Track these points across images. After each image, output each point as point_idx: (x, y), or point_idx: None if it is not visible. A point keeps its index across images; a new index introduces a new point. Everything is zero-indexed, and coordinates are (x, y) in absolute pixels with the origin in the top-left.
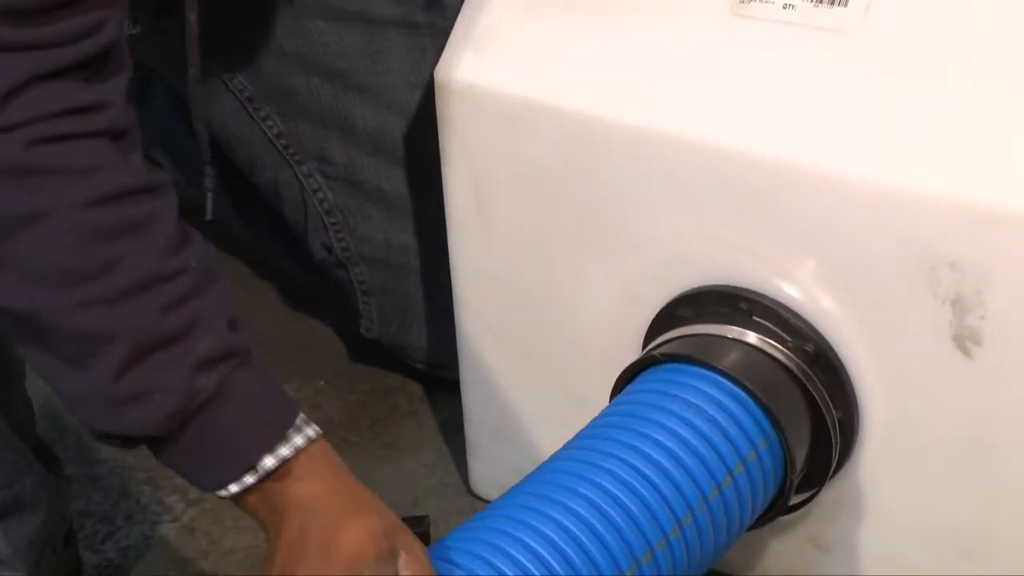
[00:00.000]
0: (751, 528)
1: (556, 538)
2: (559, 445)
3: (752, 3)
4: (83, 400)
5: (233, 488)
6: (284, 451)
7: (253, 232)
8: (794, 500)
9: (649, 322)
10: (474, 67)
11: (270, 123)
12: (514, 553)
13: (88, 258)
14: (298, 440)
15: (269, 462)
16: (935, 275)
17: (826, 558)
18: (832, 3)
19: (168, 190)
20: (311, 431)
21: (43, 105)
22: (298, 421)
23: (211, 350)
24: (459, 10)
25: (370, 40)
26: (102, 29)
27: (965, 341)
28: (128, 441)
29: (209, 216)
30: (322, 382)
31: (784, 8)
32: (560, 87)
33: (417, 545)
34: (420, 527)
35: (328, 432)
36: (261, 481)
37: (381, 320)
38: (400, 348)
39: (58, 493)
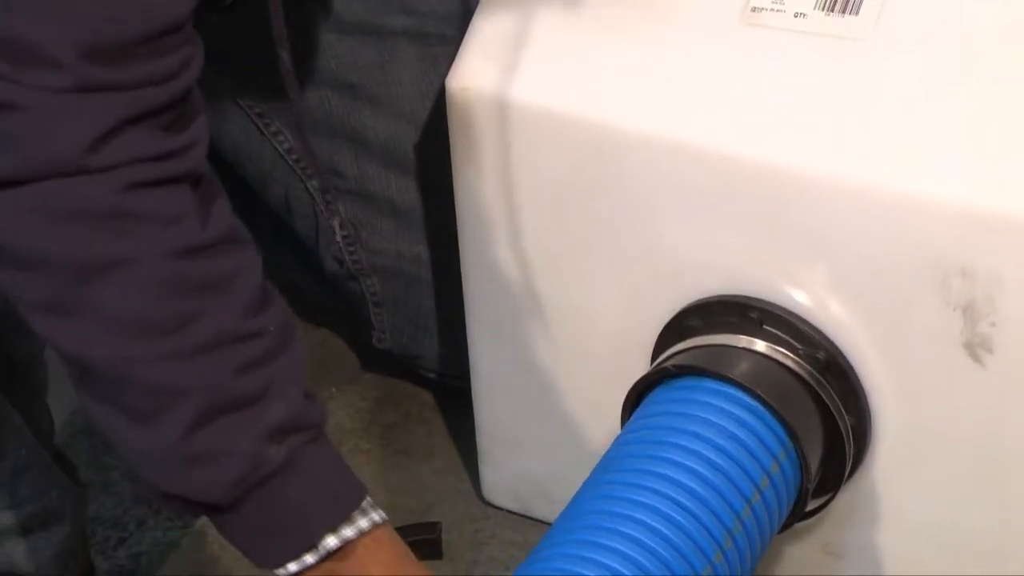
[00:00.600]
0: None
1: None
2: (570, 452)
3: (763, 12)
4: (149, 458)
5: (292, 567)
6: (348, 532)
7: (264, 246)
8: (808, 507)
9: (659, 332)
10: (485, 75)
11: (280, 138)
12: None
13: (169, 310)
14: (363, 523)
15: (331, 542)
16: (946, 282)
17: (839, 564)
18: (844, 11)
19: (250, 244)
20: (377, 516)
21: (136, 148)
22: (364, 504)
23: (283, 419)
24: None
25: (381, 51)
26: (187, 69)
27: (976, 348)
28: (191, 506)
29: None
30: (333, 389)
31: (795, 17)
32: (571, 96)
33: None
34: (431, 533)
35: (339, 439)
36: (321, 561)
37: (393, 331)
38: (412, 358)
39: (80, 502)
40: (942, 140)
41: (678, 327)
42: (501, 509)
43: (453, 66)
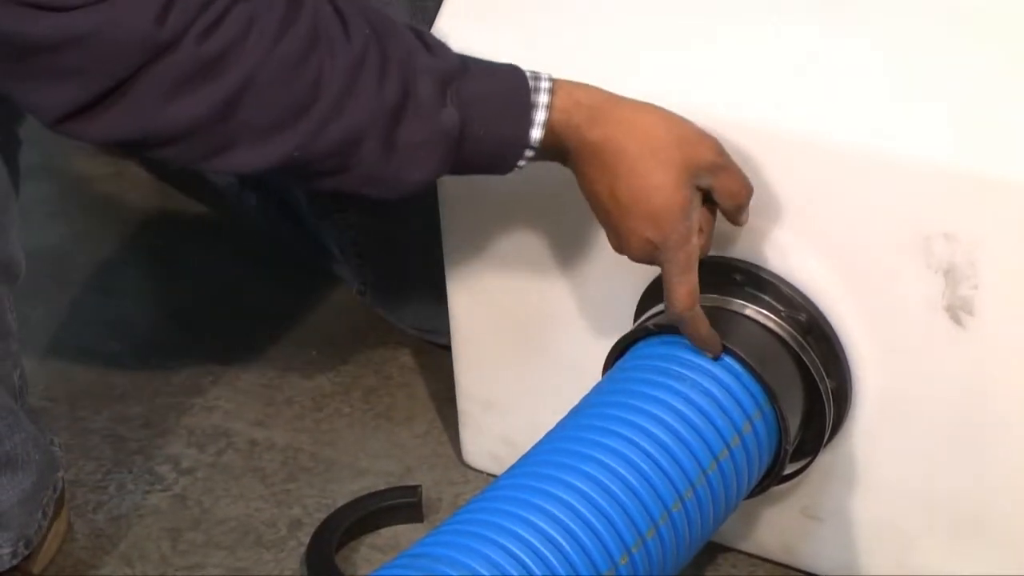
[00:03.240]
0: (745, 498)
1: (562, 516)
2: (551, 415)
3: None
4: (371, 185)
5: (521, 164)
6: (540, 115)
7: (254, 195)
8: (788, 470)
9: (641, 292)
10: (469, 34)
11: None
12: (522, 532)
13: (297, 90)
14: (543, 97)
15: (535, 134)
16: (928, 245)
17: (818, 527)
18: None
19: None
20: (545, 81)
21: (191, 4)
22: (531, 81)
23: (435, 86)
24: None
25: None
26: None
27: (958, 311)
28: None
29: None
30: (314, 352)
31: None
32: (553, 55)
33: (711, 152)
34: (412, 497)
35: (320, 402)
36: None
37: (375, 285)
38: (393, 313)
39: (48, 456)
40: (925, 102)
41: (661, 288)
42: (481, 472)
43: (435, 24)
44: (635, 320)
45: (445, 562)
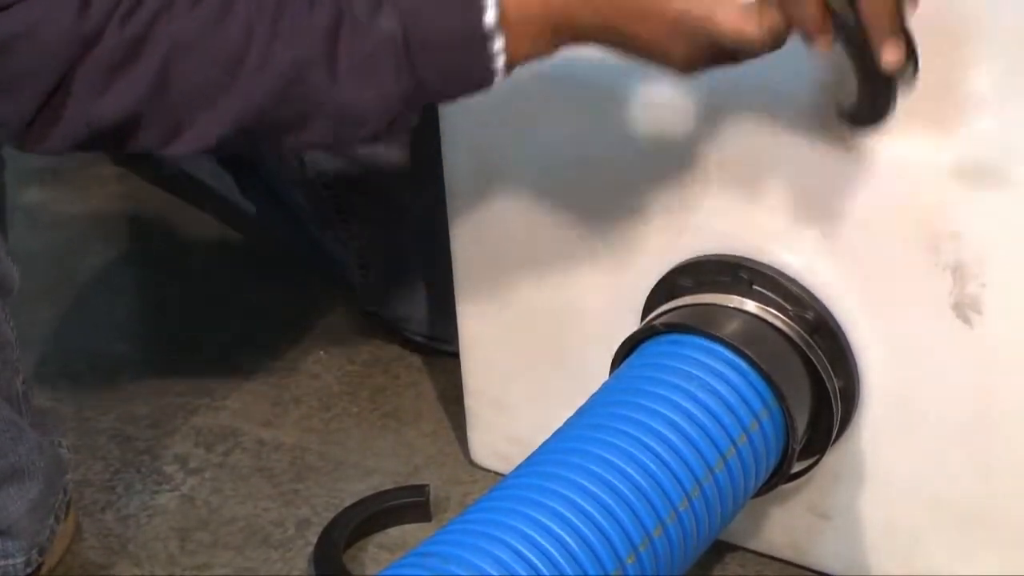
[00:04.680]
0: (753, 496)
1: (569, 515)
2: (558, 414)
3: None
4: (336, 123)
5: (495, 52)
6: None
7: (254, 205)
8: (795, 468)
9: (649, 291)
10: None
11: None
12: (529, 531)
13: (226, 43)
14: None
15: (489, 17)
16: (936, 243)
17: (826, 526)
18: None
19: None
20: None
21: None
22: None
23: (366, 2)
24: None
25: None
26: None
27: (965, 309)
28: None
29: None
30: (321, 352)
31: None
32: (560, 54)
33: None
34: (420, 496)
35: (327, 402)
36: (513, 32)
37: (381, 293)
38: (400, 321)
39: (55, 461)
40: (933, 101)
41: (668, 286)
42: (489, 471)
43: None
44: (642, 319)
45: (453, 561)
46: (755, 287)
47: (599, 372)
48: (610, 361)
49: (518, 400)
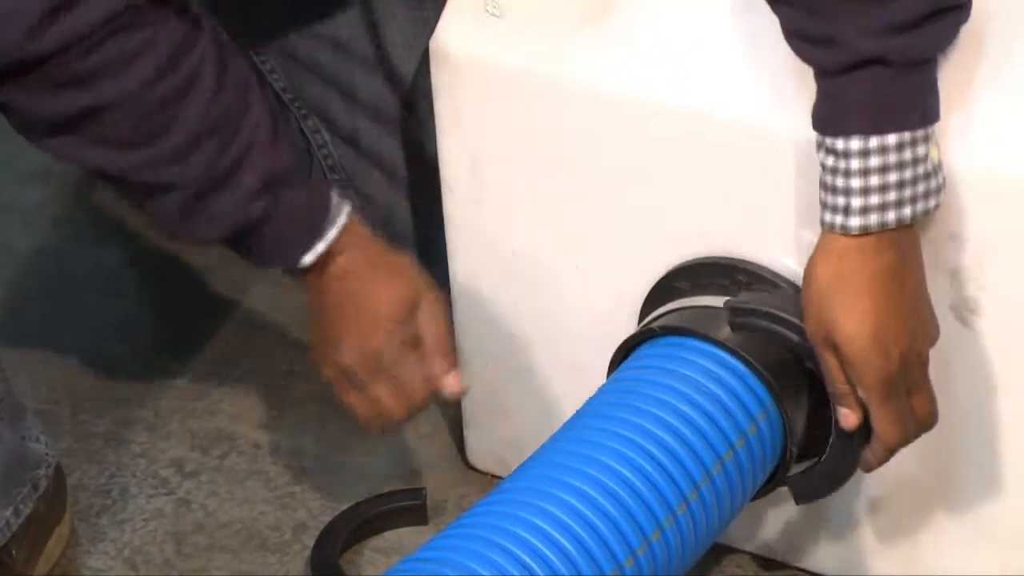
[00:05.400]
0: (751, 499)
1: (567, 519)
2: (555, 417)
3: None
4: (161, 221)
5: (306, 260)
6: (320, 247)
7: None
8: (793, 471)
9: (646, 294)
10: (470, 37)
11: (275, 76)
12: (527, 536)
13: (146, 129)
14: (331, 232)
15: (308, 259)
16: (934, 245)
17: (825, 527)
18: None
19: (201, 37)
20: (343, 218)
21: (79, 21)
22: (331, 212)
23: (258, 183)
24: None
25: (372, 11)
26: None
27: (963, 311)
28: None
29: None
30: None
31: None
32: (557, 57)
33: (438, 303)
34: (417, 499)
35: (324, 405)
36: (316, 265)
37: None
38: None
39: (18, 453)
40: None
41: (666, 289)
42: (486, 474)
43: (437, 27)
44: (639, 322)
45: (450, 566)
46: (752, 289)
47: (596, 374)
48: (607, 364)
49: (515, 403)
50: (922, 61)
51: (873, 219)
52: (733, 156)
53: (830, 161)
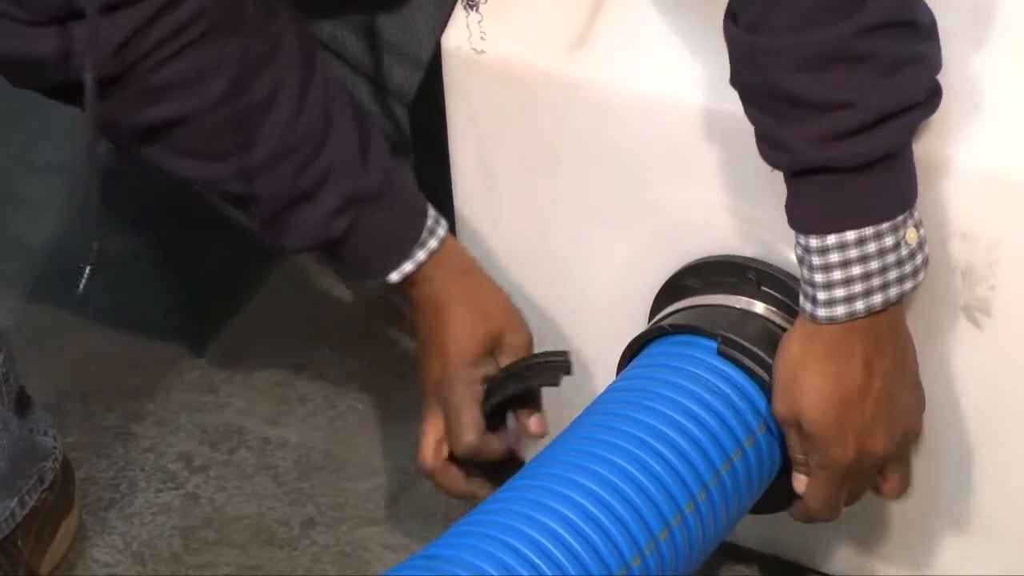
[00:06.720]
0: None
1: (574, 518)
2: (564, 414)
3: None
4: (253, 227)
5: (393, 278)
6: (408, 267)
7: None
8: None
9: (656, 292)
10: (480, 35)
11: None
12: (534, 534)
13: (223, 144)
14: (420, 255)
15: (394, 277)
16: (945, 245)
17: (833, 527)
18: None
19: (281, 54)
20: (434, 242)
21: (151, 37)
22: (423, 235)
23: (339, 201)
24: None
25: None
26: None
27: (974, 312)
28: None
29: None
30: (327, 350)
31: None
32: (567, 55)
33: (521, 341)
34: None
35: (333, 400)
36: (405, 283)
37: None
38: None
39: (27, 445)
40: (945, 105)
41: (676, 287)
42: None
43: (448, 24)
44: (649, 319)
45: (457, 564)
46: (763, 288)
47: (606, 372)
48: (616, 362)
49: None
50: (874, 162)
51: (840, 310)
52: (743, 154)
53: (798, 251)
